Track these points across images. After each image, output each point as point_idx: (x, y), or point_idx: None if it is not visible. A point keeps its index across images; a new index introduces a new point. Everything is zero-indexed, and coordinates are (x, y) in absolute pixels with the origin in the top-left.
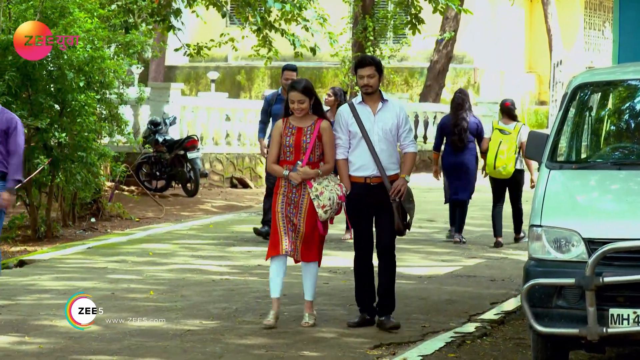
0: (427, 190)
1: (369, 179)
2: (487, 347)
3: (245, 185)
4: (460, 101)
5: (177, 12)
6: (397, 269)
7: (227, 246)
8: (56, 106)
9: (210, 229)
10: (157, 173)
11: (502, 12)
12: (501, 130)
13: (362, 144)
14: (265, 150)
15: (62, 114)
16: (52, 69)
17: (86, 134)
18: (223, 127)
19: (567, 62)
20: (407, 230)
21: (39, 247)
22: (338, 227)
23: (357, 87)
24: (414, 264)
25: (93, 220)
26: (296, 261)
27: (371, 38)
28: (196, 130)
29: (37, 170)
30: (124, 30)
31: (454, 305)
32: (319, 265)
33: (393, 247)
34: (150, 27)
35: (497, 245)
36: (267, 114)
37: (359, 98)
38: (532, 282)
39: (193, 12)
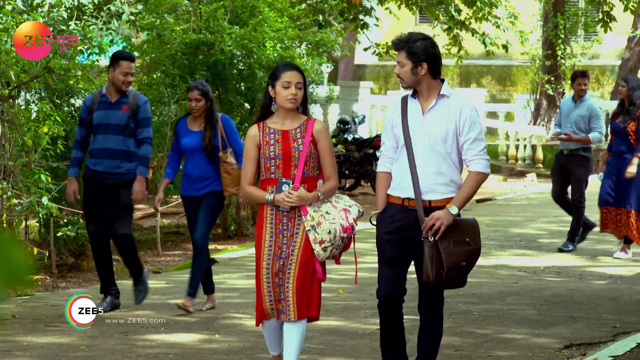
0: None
1: (407, 200)
2: None
3: None
4: None
5: (368, 11)
6: (589, 270)
7: None
8: (246, 105)
9: None
10: (347, 172)
11: None
12: None
13: (403, 153)
14: (70, 190)
15: (252, 113)
16: (242, 68)
17: None
18: None
19: None
20: (444, 284)
21: (229, 246)
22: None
23: (547, 86)
24: (605, 263)
25: None
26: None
27: (562, 36)
28: None
29: None
30: (316, 27)
31: None
32: (317, 319)
33: (437, 298)
34: (341, 25)
35: None
36: (87, 125)
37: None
38: None
39: (386, 9)
